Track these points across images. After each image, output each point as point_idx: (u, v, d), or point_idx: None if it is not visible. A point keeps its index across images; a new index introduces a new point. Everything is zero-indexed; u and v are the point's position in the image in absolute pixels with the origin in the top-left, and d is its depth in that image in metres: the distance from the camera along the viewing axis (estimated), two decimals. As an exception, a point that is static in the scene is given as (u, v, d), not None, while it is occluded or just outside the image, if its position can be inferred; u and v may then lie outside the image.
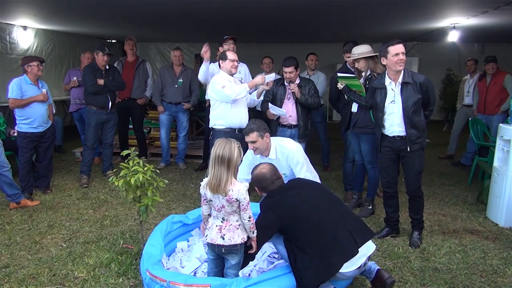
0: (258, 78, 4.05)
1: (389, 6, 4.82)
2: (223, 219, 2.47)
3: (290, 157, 3.43)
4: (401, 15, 5.54)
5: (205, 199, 2.55)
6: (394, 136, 3.42)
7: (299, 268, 2.52)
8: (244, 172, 3.53)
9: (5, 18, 6.19)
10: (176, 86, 5.75)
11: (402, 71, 3.29)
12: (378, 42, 9.50)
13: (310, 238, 2.56)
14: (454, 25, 5.95)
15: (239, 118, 4.07)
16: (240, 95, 3.89)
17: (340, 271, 2.51)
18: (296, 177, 3.35)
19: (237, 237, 2.45)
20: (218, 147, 2.41)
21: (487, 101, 5.78)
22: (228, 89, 3.85)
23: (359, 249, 2.57)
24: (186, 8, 5.13)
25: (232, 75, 4.05)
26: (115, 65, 5.92)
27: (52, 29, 7.51)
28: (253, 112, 4.94)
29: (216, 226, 2.48)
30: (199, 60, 8.11)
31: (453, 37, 6.27)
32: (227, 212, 2.45)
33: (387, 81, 3.38)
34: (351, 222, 2.70)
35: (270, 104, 4.24)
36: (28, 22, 6.62)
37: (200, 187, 2.53)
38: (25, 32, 6.94)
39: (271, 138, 3.53)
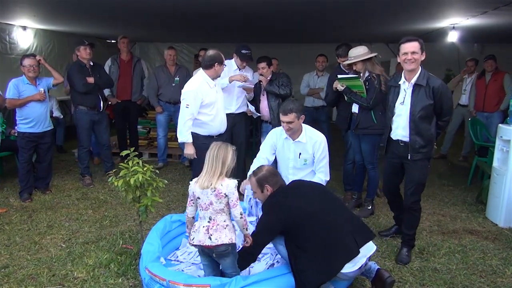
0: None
1: (388, 6, 4.81)
2: (210, 218, 2.46)
3: (317, 145, 3.46)
4: (400, 15, 5.53)
5: (192, 200, 2.54)
6: (398, 140, 3.22)
7: (300, 268, 2.52)
8: (267, 151, 3.59)
9: (4, 18, 6.18)
10: (173, 84, 5.76)
11: (418, 72, 3.08)
12: (377, 43, 9.56)
13: (313, 238, 2.55)
14: (454, 25, 5.95)
15: (218, 126, 3.94)
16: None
17: (342, 271, 2.52)
18: (315, 165, 3.48)
19: (224, 236, 2.43)
20: (215, 148, 2.49)
21: (487, 99, 5.78)
22: (189, 112, 3.70)
23: (360, 250, 2.58)
24: (186, 8, 5.13)
25: (213, 79, 3.86)
26: (109, 64, 5.91)
27: (52, 29, 7.48)
28: (245, 116, 4.97)
29: (203, 227, 2.46)
30: (199, 60, 8.12)
31: (452, 37, 6.27)
32: (215, 209, 2.44)
33: (402, 80, 3.18)
34: (353, 222, 2.72)
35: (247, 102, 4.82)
36: (28, 22, 6.60)
37: (189, 187, 2.54)
38: (25, 32, 6.93)
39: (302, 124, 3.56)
